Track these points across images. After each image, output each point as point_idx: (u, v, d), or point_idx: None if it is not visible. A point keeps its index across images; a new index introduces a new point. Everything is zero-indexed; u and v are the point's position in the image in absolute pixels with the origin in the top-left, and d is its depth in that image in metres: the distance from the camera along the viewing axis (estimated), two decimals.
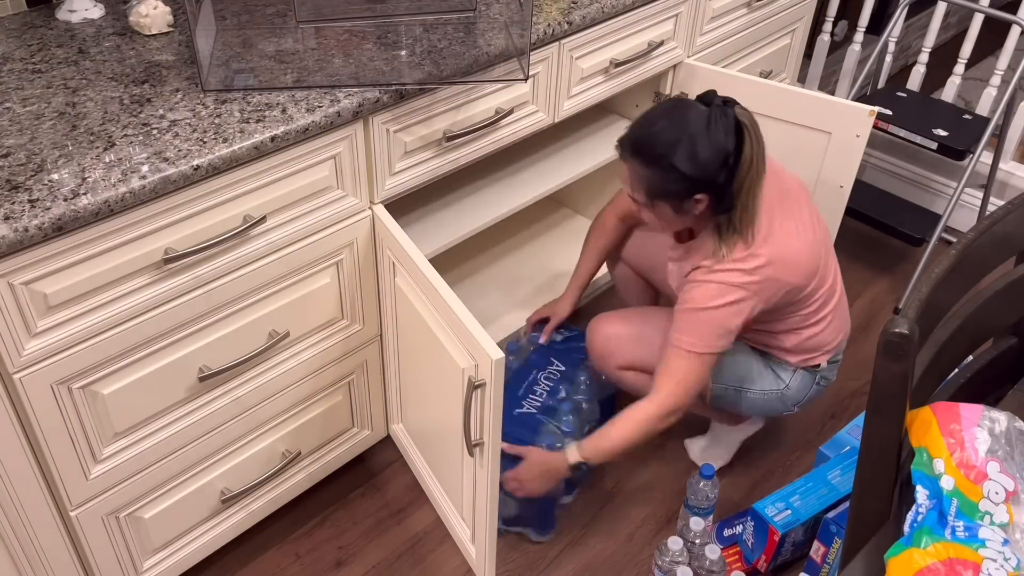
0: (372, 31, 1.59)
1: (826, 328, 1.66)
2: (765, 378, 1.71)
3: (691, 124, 1.43)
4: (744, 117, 1.44)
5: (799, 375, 1.71)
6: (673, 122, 1.45)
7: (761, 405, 1.74)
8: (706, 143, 1.42)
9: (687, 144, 1.43)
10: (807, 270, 1.56)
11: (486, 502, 1.46)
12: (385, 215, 1.53)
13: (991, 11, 2.37)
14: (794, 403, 1.74)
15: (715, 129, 1.42)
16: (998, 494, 1.05)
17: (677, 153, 1.43)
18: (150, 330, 1.32)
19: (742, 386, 1.72)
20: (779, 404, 1.73)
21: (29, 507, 1.32)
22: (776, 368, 1.71)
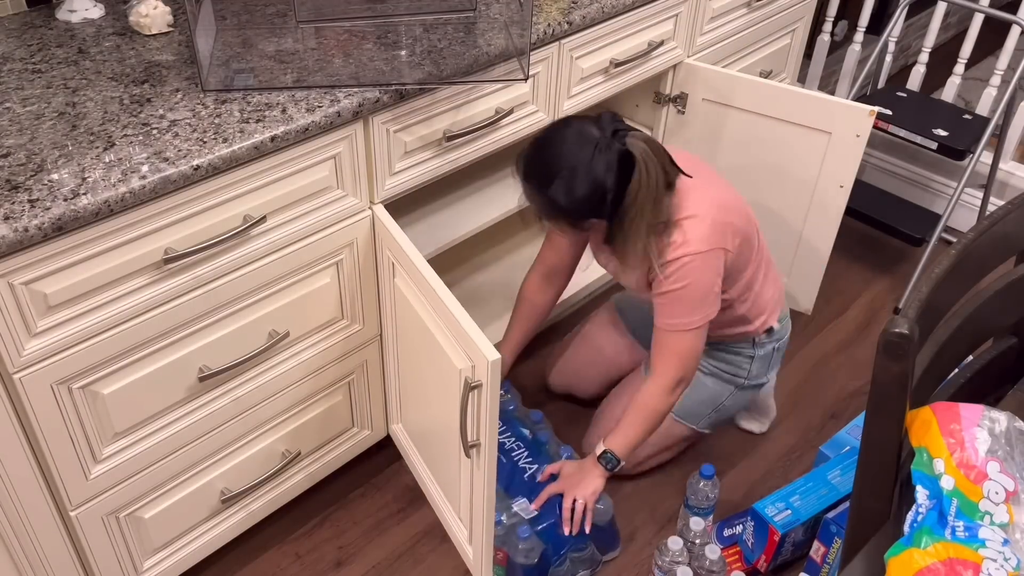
0: (372, 31, 1.59)
1: (765, 288, 1.73)
2: (724, 386, 1.81)
3: (574, 156, 1.44)
4: (636, 149, 1.44)
5: (756, 361, 1.79)
6: (557, 153, 1.46)
7: (741, 401, 1.84)
8: (584, 179, 1.44)
9: (566, 178, 1.45)
10: (744, 212, 1.62)
11: (483, 503, 1.46)
12: (385, 215, 1.53)
13: (991, 11, 2.37)
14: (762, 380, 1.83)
15: (597, 163, 1.43)
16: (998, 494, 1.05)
17: (554, 186, 1.46)
18: (150, 330, 1.32)
19: (718, 404, 1.82)
20: (751, 390, 1.83)
21: (29, 507, 1.32)
22: (732, 364, 1.79)
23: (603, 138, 1.44)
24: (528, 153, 1.52)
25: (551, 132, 1.50)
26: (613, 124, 1.47)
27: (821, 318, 2.36)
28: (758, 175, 2.07)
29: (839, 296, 2.44)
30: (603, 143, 1.44)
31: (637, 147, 1.44)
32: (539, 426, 1.86)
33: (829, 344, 2.29)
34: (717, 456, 1.99)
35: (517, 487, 1.72)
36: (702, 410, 1.82)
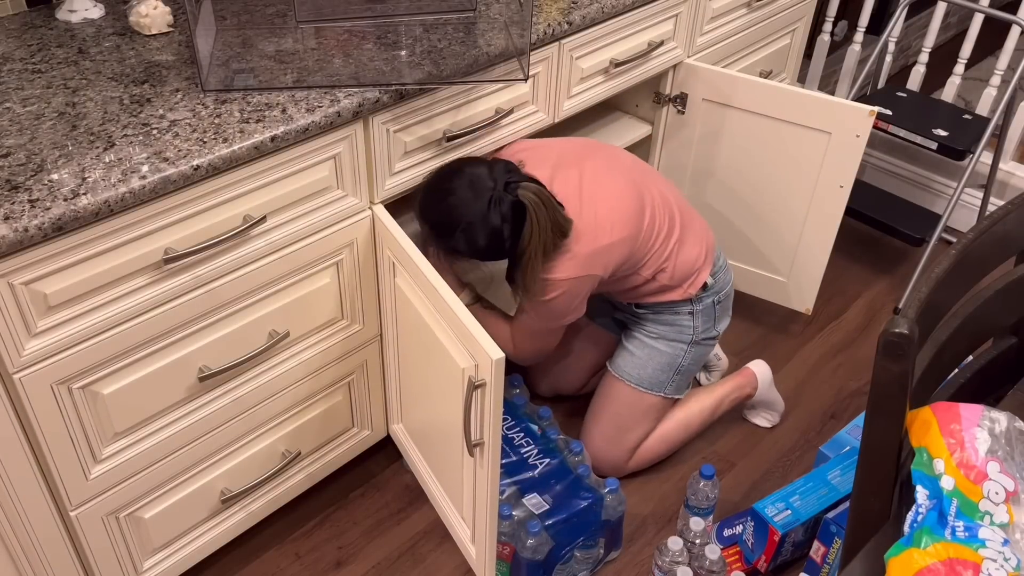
0: (372, 31, 1.59)
1: (684, 251, 1.74)
2: (676, 346, 1.83)
3: (470, 210, 1.51)
4: (528, 199, 1.51)
5: (697, 316, 1.81)
6: (455, 205, 1.52)
7: (699, 357, 1.86)
8: (482, 231, 1.52)
9: (465, 231, 1.53)
10: (625, 219, 1.63)
11: (486, 502, 1.46)
12: (385, 215, 1.53)
13: (991, 11, 2.37)
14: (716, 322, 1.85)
15: (492, 216, 1.51)
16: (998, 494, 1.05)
17: (455, 238, 1.54)
18: (150, 330, 1.32)
19: (676, 365, 1.84)
20: (704, 344, 1.85)
21: (29, 507, 1.32)
22: (674, 326, 1.81)
23: (496, 190, 1.51)
24: (426, 202, 1.57)
25: (448, 181, 1.54)
26: (507, 175, 1.53)
27: (821, 318, 2.37)
28: (758, 175, 2.07)
29: (839, 296, 2.44)
30: (496, 196, 1.51)
31: (528, 198, 1.51)
32: (547, 422, 1.87)
33: (829, 344, 2.29)
34: (717, 456, 1.99)
35: (526, 482, 1.73)
36: (664, 376, 1.84)
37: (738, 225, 2.15)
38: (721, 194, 2.15)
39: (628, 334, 1.87)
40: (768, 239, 2.14)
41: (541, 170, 1.61)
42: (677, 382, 1.87)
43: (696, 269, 1.77)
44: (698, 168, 2.14)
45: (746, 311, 2.31)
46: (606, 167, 1.67)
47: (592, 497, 1.68)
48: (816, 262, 2.10)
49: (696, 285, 1.77)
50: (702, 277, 1.78)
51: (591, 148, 1.71)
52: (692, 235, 1.76)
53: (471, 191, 1.51)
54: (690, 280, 1.77)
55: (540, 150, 1.68)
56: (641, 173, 1.73)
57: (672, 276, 1.74)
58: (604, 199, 1.63)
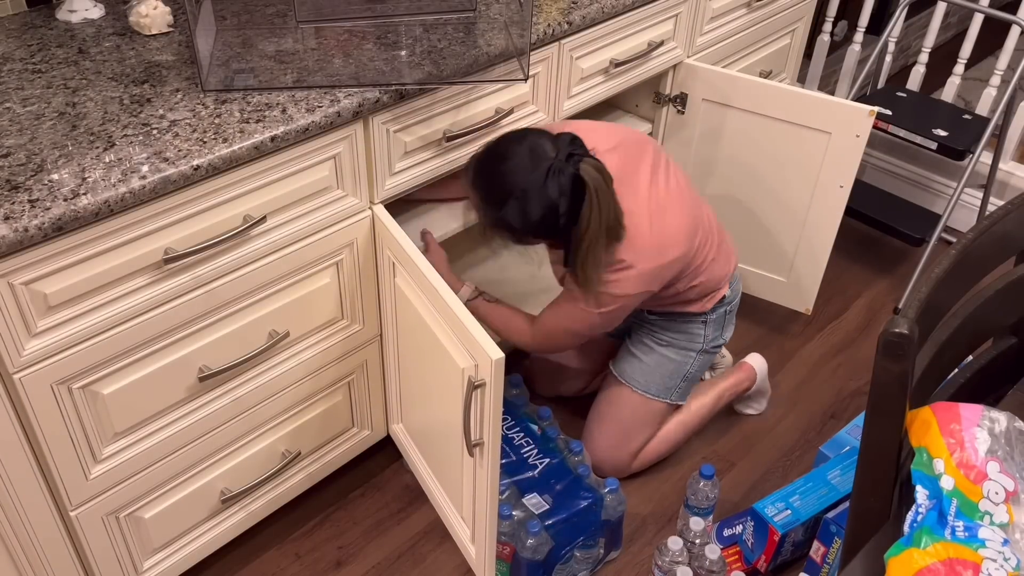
0: (372, 31, 1.59)
1: (716, 263, 1.74)
2: (685, 354, 1.82)
3: (527, 178, 1.42)
4: (589, 176, 1.42)
5: (709, 326, 1.81)
6: (511, 170, 1.44)
7: (705, 364, 1.87)
8: (537, 202, 1.43)
9: (519, 200, 1.44)
10: (684, 234, 1.61)
11: (486, 502, 1.46)
12: (385, 215, 1.53)
13: (991, 11, 2.37)
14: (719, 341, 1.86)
15: (550, 187, 1.42)
16: (998, 494, 1.05)
17: (508, 206, 1.45)
18: (150, 330, 1.32)
19: (684, 372, 1.84)
20: (711, 353, 1.86)
21: (29, 507, 1.32)
22: (686, 333, 1.81)
23: (557, 160, 1.43)
24: (479, 168, 1.51)
25: (506, 146, 1.48)
26: (570, 147, 1.45)
27: (821, 318, 2.37)
28: (758, 175, 2.07)
29: (839, 296, 2.44)
30: (557, 165, 1.42)
31: (590, 174, 1.43)
32: (547, 422, 1.87)
33: (829, 344, 2.29)
34: (717, 456, 1.99)
35: (526, 482, 1.73)
36: (672, 383, 1.84)
37: (738, 225, 2.15)
38: (721, 194, 2.15)
39: (635, 339, 1.86)
40: (768, 239, 2.14)
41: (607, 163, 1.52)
42: (683, 388, 1.87)
43: (721, 284, 1.77)
44: (698, 168, 2.14)
45: (746, 311, 2.30)
46: (664, 178, 1.63)
47: (592, 497, 1.68)
48: (816, 262, 2.09)
49: (715, 299, 1.78)
50: (722, 292, 1.78)
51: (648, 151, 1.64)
52: (723, 251, 1.77)
53: (530, 158, 1.42)
54: (712, 295, 1.78)
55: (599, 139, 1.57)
56: (689, 184, 1.70)
57: (700, 291, 1.74)
58: (672, 213, 1.59)
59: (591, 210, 1.44)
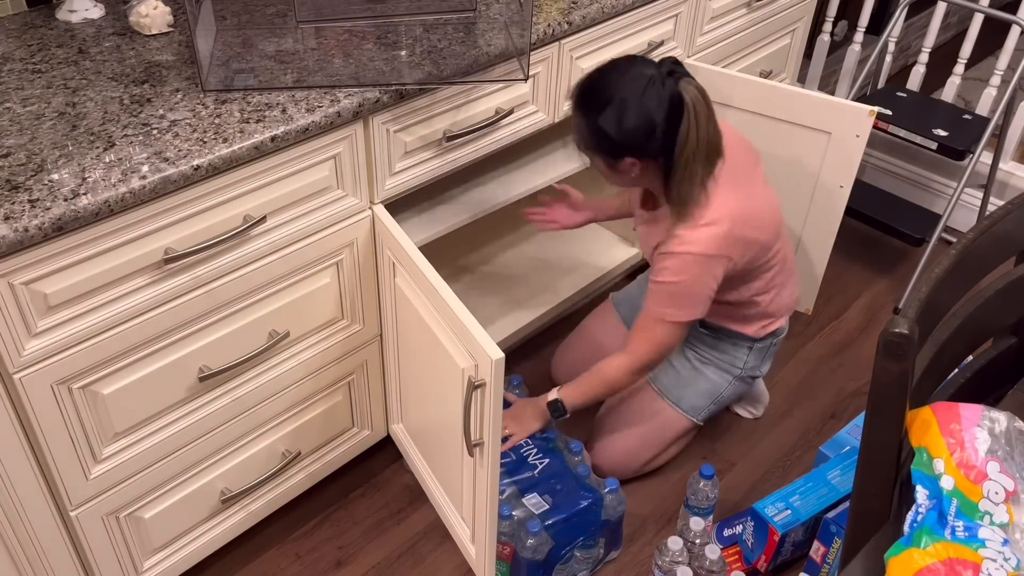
0: (372, 31, 1.59)
1: (786, 290, 1.77)
2: (723, 376, 1.83)
3: (627, 87, 1.43)
4: (688, 93, 1.43)
5: (752, 355, 1.82)
6: (613, 81, 1.45)
7: (737, 391, 1.87)
8: (634, 111, 1.43)
9: (617, 107, 1.43)
10: (771, 226, 1.63)
11: (486, 502, 1.46)
12: (385, 215, 1.53)
13: (991, 11, 2.37)
14: (759, 370, 1.87)
15: (648, 98, 1.42)
16: (998, 494, 1.05)
17: (605, 114, 1.45)
18: (150, 330, 1.32)
19: (716, 395, 1.85)
20: (746, 381, 1.86)
21: (29, 507, 1.32)
22: (729, 354, 1.81)
23: (658, 75, 1.43)
24: (585, 80, 1.52)
25: (611, 63, 1.50)
26: (671, 65, 1.46)
27: (821, 318, 2.37)
28: None
29: (839, 296, 2.44)
30: (657, 79, 1.43)
31: (691, 92, 1.43)
32: None
33: (829, 344, 2.29)
34: (717, 456, 1.99)
35: (526, 482, 1.73)
36: (702, 403, 1.84)
37: None
38: None
39: (678, 352, 1.84)
40: None
41: None
42: (711, 411, 1.86)
43: (778, 316, 1.78)
44: None
45: None
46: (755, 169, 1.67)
47: (592, 497, 1.68)
48: (816, 262, 2.09)
49: (769, 328, 1.78)
50: (778, 323, 1.79)
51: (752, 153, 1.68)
52: (790, 285, 1.79)
53: (632, 71, 1.44)
54: (766, 322, 1.78)
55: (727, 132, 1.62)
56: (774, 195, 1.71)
57: (761, 311, 1.74)
58: (764, 200, 1.63)
59: (690, 127, 1.43)
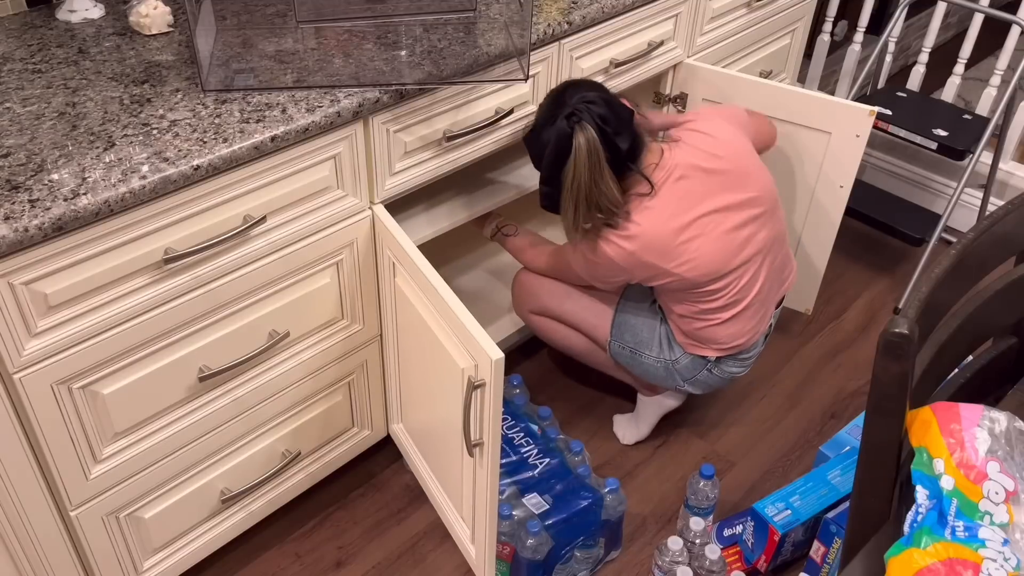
0: (372, 31, 1.59)
1: (721, 328, 1.71)
2: (659, 346, 1.79)
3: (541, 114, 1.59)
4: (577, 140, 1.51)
5: (689, 356, 1.77)
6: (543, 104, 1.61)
7: (652, 372, 1.81)
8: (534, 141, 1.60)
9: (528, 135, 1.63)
10: (704, 271, 1.62)
11: (486, 502, 1.46)
12: (385, 215, 1.53)
13: (991, 11, 2.37)
14: (684, 380, 1.81)
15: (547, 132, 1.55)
16: (998, 494, 1.05)
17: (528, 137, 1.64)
18: (150, 330, 1.32)
19: (637, 349, 1.80)
20: (667, 375, 1.81)
21: (29, 507, 1.32)
22: (671, 340, 1.78)
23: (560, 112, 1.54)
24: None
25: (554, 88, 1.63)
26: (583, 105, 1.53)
27: (821, 318, 2.37)
28: None
29: (839, 296, 2.44)
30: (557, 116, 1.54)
31: (577, 140, 1.51)
32: (547, 422, 1.87)
33: (829, 344, 2.29)
34: (717, 456, 1.99)
35: (526, 482, 1.73)
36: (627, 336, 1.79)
37: None
38: None
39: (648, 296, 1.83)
40: None
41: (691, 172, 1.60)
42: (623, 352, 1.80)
43: (713, 346, 1.74)
44: None
45: None
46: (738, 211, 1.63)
47: (592, 497, 1.68)
48: (816, 262, 2.10)
49: (697, 351, 1.75)
50: (707, 351, 1.75)
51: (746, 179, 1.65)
52: (744, 322, 1.72)
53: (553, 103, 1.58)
54: (696, 344, 1.75)
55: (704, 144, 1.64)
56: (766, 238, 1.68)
57: (693, 330, 1.72)
58: (706, 242, 1.60)
59: (570, 171, 1.54)
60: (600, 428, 2.04)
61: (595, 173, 1.52)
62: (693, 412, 2.07)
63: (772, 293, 1.76)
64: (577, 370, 2.17)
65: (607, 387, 2.12)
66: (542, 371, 2.17)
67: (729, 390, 2.14)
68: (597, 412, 2.08)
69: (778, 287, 1.79)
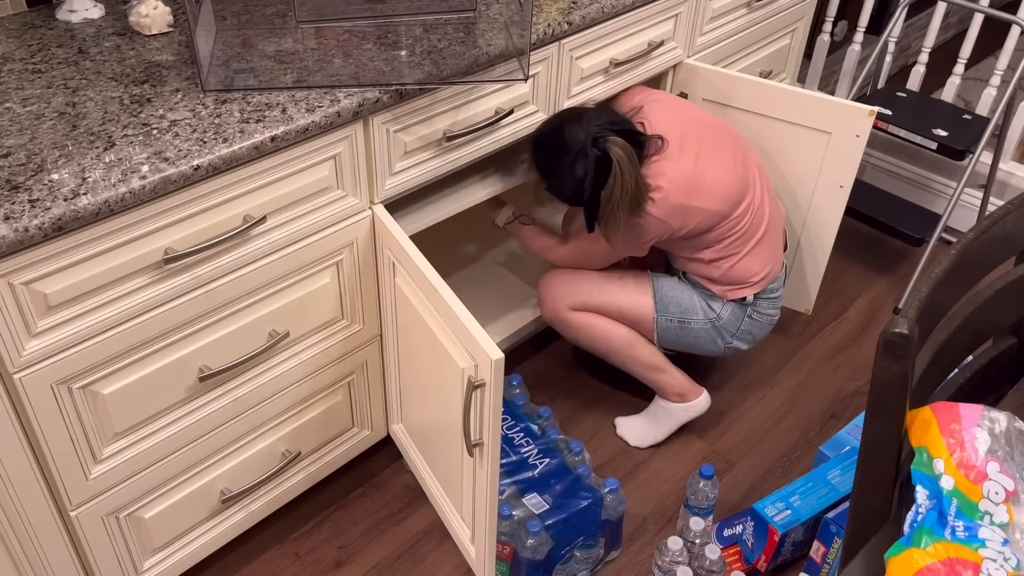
0: (372, 31, 1.59)
1: (749, 260, 1.80)
2: (702, 309, 1.84)
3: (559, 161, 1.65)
4: (614, 152, 1.61)
5: (729, 306, 1.84)
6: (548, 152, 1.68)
7: (702, 337, 1.87)
8: (569, 181, 1.66)
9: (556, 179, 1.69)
10: (724, 197, 1.72)
11: (486, 502, 1.46)
12: (385, 215, 1.53)
13: (991, 11, 2.37)
14: (731, 335, 1.87)
15: (579, 167, 1.63)
16: (998, 494, 1.05)
17: (550, 183, 1.72)
18: (150, 330, 1.32)
19: (684, 317, 1.85)
20: (716, 335, 1.86)
21: (29, 507, 1.32)
22: (709, 300, 1.84)
23: (585, 143, 1.62)
24: (530, 152, 1.74)
25: (545, 132, 1.70)
26: (596, 129, 1.63)
27: (821, 318, 2.37)
28: None
29: (839, 296, 2.45)
30: (585, 149, 1.62)
31: (615, 153, 1.61)
32: (547, 422, 1.87)
33: (829, 344, 2.29)
34: (717, 456, 1.99)
35: (526, 482, 1.73)
36: (673, 309, 1.84)
37: None
38: None
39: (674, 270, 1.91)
40: None
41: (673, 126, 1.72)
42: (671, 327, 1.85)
43: (746, 282, 1.82)
44: None
45: None
46: (729, 149, 1.76)
47: (592, 497, 1.68)
48: (816, 262, 2.10)
49: (736, 294, 1.83)
50: (745, 291, 1.82)
51: (722, 127, 1.81)
52: (765, 252, 1.82)
53: (562, 142, 1.65)
54: (732, 287, 1.82)
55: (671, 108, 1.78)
56: (757, 173, 1.81)
57: (724, 274, 1.80)
58: (714, 170, 1.71)
59: (616, 183, 1.62)
60: (600, 428, 2.04)
61: (636, 173, 1.63)
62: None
63: (775, 221, 1.85)
64: (577, 370, 2.17)
65: (607, 387, 2.12)
66: (542, 371, 2.17)
67: (729, 390, 2.14)
68: (597, 412, 2.08)
69: (779, 218, 1.88)
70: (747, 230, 1.77)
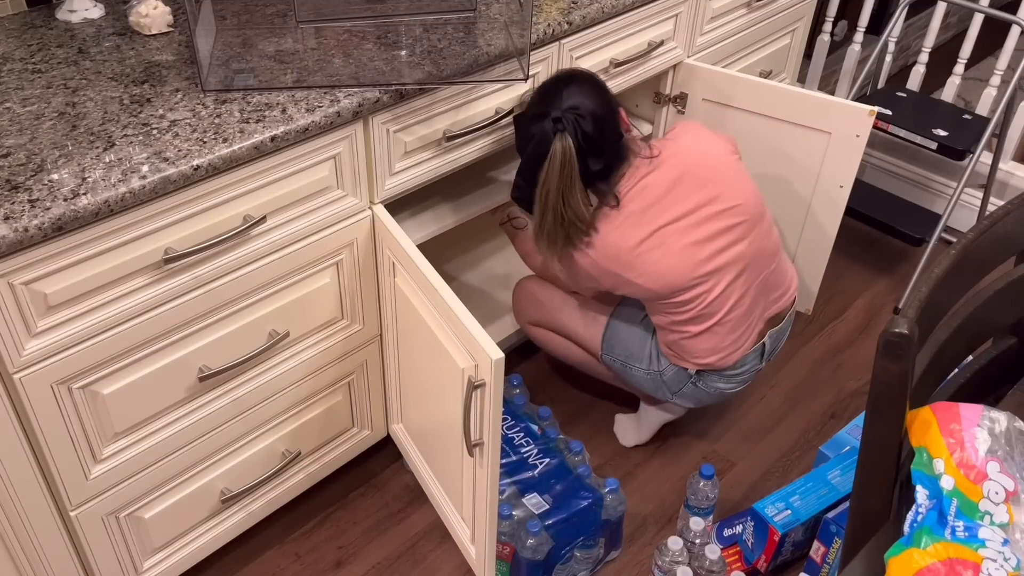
0: (372, 31, 1.59)
1: (694, 341, 1.69)
2: (648, 359, 1.78)
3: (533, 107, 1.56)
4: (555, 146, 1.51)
5: (673, 367, 1.76)
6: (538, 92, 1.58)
7: (642, 383, 1.82)
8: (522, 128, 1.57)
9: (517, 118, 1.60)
10: (666, 282, 1.61)
11: (486, 502, 1.46)
12: (385, 215, 1.53)
13: (991, 11, 2.37)
14: (672, 392, 1.80)
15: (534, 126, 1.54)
16: (998, 494, 1.05)
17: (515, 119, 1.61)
18: (150, 330, 1.32)
19: (627, 362, 1.81)
20: (656, 387, 1.81)
21: (29, 507, 1.32)
22: (659, 352, 1.78)
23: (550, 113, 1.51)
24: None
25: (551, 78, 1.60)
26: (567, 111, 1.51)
27: (821, 318, 2.37)
28: (758, 175, 2.07)
29: (839, 296, 2.45)
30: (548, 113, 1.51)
31: (555, 147, 1.51)
32: (547, 422, 1.87)
33: (829, 344, 2.29)
34: (717, 456, 1.99)
35: (526, 482, 1.73)
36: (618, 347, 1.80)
37: None
38: None
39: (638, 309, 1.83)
40: None
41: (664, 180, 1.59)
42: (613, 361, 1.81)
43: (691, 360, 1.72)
44: None
45: None
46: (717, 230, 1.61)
47: (592, 497, 1.68)
48: (816, 262, 2.10)
49: (679, 362, 1.74)
50: (687, 364, 1.73)
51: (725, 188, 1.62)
52: (722, 338, 1.68)
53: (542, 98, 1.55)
54: (676, 355, 1.73)
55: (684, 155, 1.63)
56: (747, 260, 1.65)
57: (672, 341, 1.71)
58: (665, 252, 1.59)
59: (545, 173, 1.53)
60: (600, 428, 2.04)
61: (565, 185, 1.53)
62: (693, 412, 2.07)
63: (757, 310, 1.71)
64: (577, 371, 2.17)
65: (607, 388, 2.12)
66: (542, 371, 2.17)
67: None
68: (597, 412, 2.08)
69: (768, 304, 1.75)
70: (694, 316, 1.65)
